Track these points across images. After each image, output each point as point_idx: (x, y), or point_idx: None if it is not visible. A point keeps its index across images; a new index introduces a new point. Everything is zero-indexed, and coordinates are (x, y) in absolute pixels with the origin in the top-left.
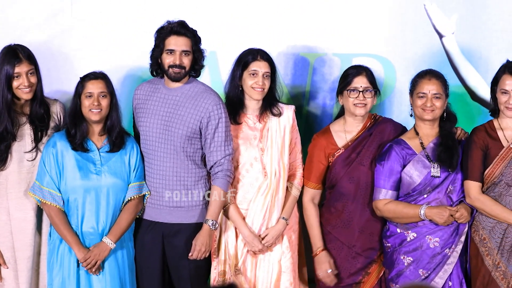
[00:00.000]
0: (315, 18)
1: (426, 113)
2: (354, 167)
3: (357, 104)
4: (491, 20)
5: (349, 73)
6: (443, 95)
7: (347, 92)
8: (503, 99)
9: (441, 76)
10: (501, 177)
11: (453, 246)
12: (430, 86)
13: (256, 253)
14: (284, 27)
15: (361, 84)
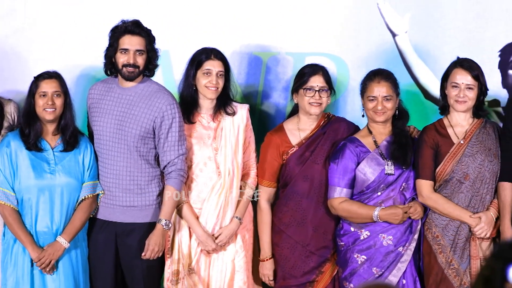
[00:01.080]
0: (268, 17)
1: (377, 115)
2: (308, 165)
3: (312, 103)
4: (444, 19)
5: (305, 71)
6: (394, 95)
7: (303, 90)
8: (453, 93)
9: (390, 76)
10: (452, 174)
11: (406, 244)
12: (380, 88)
13: (210, 252)
14: (238, 26)
15: (318, 83)
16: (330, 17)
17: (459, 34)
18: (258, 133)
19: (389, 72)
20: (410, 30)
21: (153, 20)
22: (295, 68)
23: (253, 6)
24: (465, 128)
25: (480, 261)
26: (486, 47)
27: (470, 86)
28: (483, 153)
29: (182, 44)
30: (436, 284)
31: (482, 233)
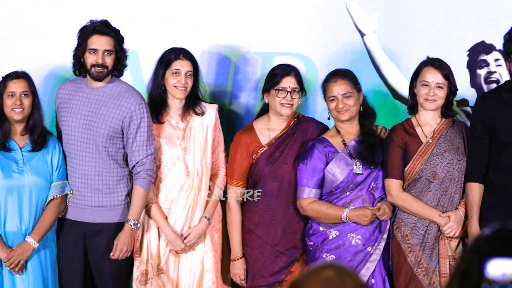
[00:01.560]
0: (237, 17)
1: (341, 114)
2: (277, 165)
3: (284, 104)
4: (412, 18)
5: (277, 72)
6: (354, 91)
7: (275, 91)
8: (423, 92)
9: (347, 74)
10: (421, 173)
11: (375, 244)
12: (337, 87)
13: (179, 252)
14: (206, 26)
15: (290, 84)
16: (299, 16)
17: (428, 34)
18: (227, 133)
19: (346, 70)
20: (378, 30)
21: (121, 20)
22: (263, 68)
23: (222, 6)
24: (433, 128)
25: (449, 260)
26: (454, 47)
27: (440, 85)
28: (451, 152)
29: (150, 44)
30: (406, 283)
31: (451, 232)
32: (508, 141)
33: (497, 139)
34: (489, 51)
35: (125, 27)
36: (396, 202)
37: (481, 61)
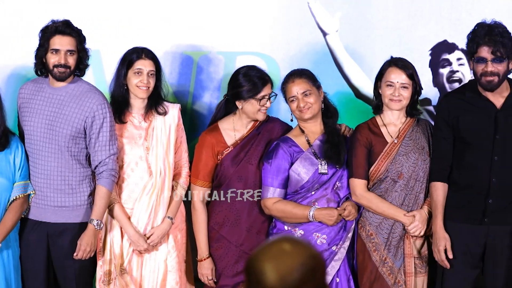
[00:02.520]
0: (199, 16)
1: (303, 113)
2: (242, 166)
3: (263, 110)
4: (375, 18)
5: (256, 81)
6: (313, 88)
7: (256, 101)
8: (388, 92)
9: (304, 72)
10: (386, 173)
11: (340, 243)
12: (296, 87)
13: (142, 252)
14: (169, 25)
15: (268, 91)
16: (261, 16)
17: (390, 33)
18: (190, 133)
19: (303, 69)
20: (341, 29)
21: (83, 20)
22: (226, 67)
23: (184, 6)
24: (398, 127)
25: (414, 259)
26: (417, 46)
27: (405, 85)
28: (416, 151)
29: (113, 44)
30: (370, 282)
31: (416, 231)
32: (472, 141)
33: (461, 139)
34: (452, 50)
35: (87, 26)
36: (361, 201)
37: (443, 60)
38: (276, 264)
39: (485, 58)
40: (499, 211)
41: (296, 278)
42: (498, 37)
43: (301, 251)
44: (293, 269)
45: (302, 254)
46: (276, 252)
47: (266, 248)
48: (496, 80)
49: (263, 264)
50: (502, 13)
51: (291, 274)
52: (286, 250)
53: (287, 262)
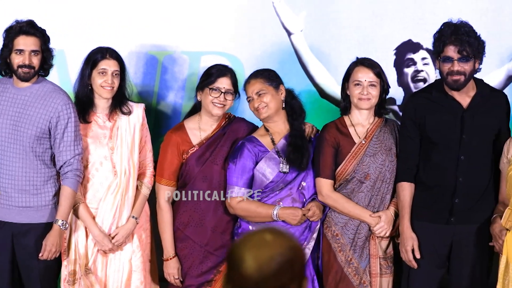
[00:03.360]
0: (163, 16)
1: (259, 113)
2: (207, 165)
3: (216, 103)
4: (339, 17)
5: (213, 71)
6: (269, 88)
7: (208, 90)
8: (356, 91)
9: (260, 73)
10: (353, 174)
11: (305, 243)
12: (251, 87)
13: (107, 252)
14: (134, 25)
15: (224, 85)
16: (225, 15)
17: (355, 33)
18: (154, 133)
19: (262, 69)
20: (305, 29)
21: (47, 20)
22: (190, 67)
23: (149, 5)
24: (366, 128)
25: (380, 260)
26: (381, 46)
27: (372, 83)
28: (384, 153)
29: (77, 44)
30: (336, 282)
31: (381, 232)
32: (438, 141)
33: (427, 139)
34: (416, 50)
35: (51, 26)
36: (326, 201)
37: (408, 60)
38: (256, 253)
39: (452, 58)
40: (465, 211)
41: (273, 268)
42: (464, 36)
43: (282, 242)
44: (271, 259)
45: (281, 245)
46: (257, 242)
47: (248, 237)
48: (463, 79)
49: (243, 252)
50: (466, 12)
51: (269, 264)
52: (267, 240)
53: (267, 252)
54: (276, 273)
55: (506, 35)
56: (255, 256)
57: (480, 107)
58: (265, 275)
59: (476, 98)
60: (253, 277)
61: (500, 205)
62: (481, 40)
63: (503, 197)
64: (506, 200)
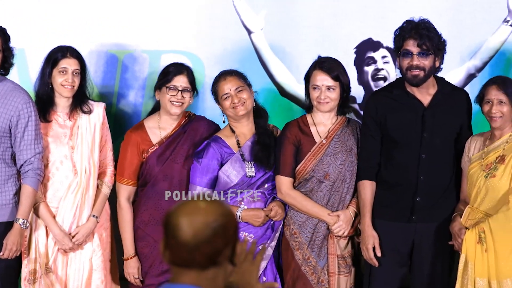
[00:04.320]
0: (124, 15)
1: (237, 109)
2: (167, 164)
3: (174, 102)
4: (300, 16)
5: (170, 70)
6: (245, 85)
7: (166, 89)
8: (315, 95)
9: (234, 71)
10: (312, 173)
11: (267, 242)
12: (228, 84)
13: (67, 251)
14: (94, 24)
15: (181, 83)
16: (186, 14)
17: (315, 31)
18: (115, 132)
19: (232, 69)
20: (265, 28)
21: (7, 18)
22: (151, 66)
23: (109, 4)
24: (327, 127)
25: (338, 259)
26: (342, 44)
27: (330, 87)
28: (344, 153)
29: (37, 43)
30: (293, 280)
31: (340, 231)
32: (400, 139)
33: (389, 137)
34: (376, 48)
35: (11, 25)
36: (285, 199)
37: (368, 58)
38: (191, 219)
39: (411, 52)
40: (427, 209)
41: (208, 233)
42: (424, 31)
43: (215, 208)
44: (206, 225)
45: (215, 211)
46: (192, 209)
47: (183, 205)
48: (422, 74)
49: (179, 219)
50: (426, 11)
51: (204, 229)
52: (201, 207)
53: (201, 218)
54: (210, 238)
55: (466, 33)
56: (190, 222)
57: (441, 105)
58: (200, 241)
59: (437, 96)
60: (189, 243)
61: (460, 203)
62: (441, 37)
63: (464, 196)
64: (467, 199)
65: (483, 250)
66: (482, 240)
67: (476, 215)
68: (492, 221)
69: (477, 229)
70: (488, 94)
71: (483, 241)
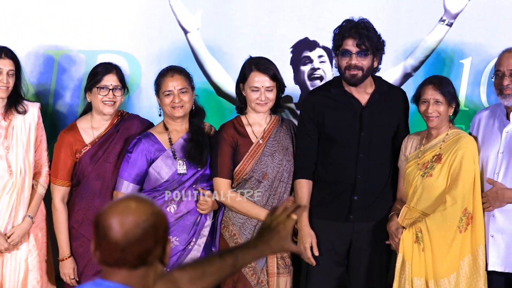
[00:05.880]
0: (60, 15)
1: (175, 110)
2: (100, 164)
3: (106, 101)
4: (236, 15)
5: (98, 70)
6: (189, 88)
7: (96, 89)
8: (254, 96)
9: (183, 71)
10: (251, 173)
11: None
12: (174, 82)
13: (2, 252)
14: (30, 24)
15: (111, 82)
16: (122, 14)
17: (251, 31)
18: (51, 132)
19: (182, 67)
20: (202, 27)
21: None
22: (87, 66)
23: (45, 5)
24: (263, 127)
25: (277, 259)
26: (278, 44)
27: (269, 88)
28: (281, 152)
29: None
30: (233, 282)
31: None
32: (337, 138)
33: (326, 136)
34: (313, 48)
35: None
36: (225, 201)
37: (304, 58)
38: (121, 219)
39: (350, 51)
40: (364, 208)
41: (138, 233)
42: (363, 31)
43: (145, 208)
44: (136, 225)
45: (145, 211)
46: (122, 209)
47: (114, 205)
48: (360, 74)
49: (109, 219)
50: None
51: (134, 229)
52: (131, 207)
53: (131, 218)
54: (141, 238)
55: (403, 33)
56: (121, 222)
57: (379, 104)
58: (130, 241)
59: (374, 95)
60: (119, 243)
61: (397, 202)
62: (380, 38)
63: (400, 195)
64: (403, 198)
65: (420, 250)
66: (419, 240)
67: (413, 215)
68: (429, 220)
69: (414, 229)
70: (424, 94)
71: (420, 240)
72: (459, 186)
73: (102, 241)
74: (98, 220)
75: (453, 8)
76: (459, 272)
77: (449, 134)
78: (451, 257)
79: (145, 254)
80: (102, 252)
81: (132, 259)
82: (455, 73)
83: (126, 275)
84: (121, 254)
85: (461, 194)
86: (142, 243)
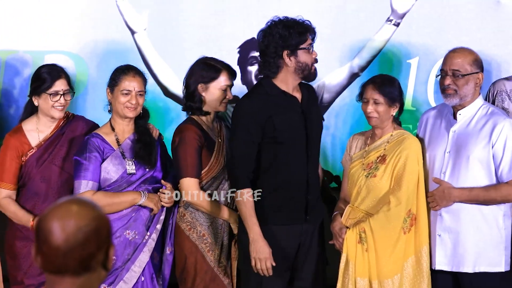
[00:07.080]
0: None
1: (129, 110)
2: (46, 166)
3: (57, 107)
4: (182, 16)
5: (46, 76)
6: (143, 92)
7: (48, 96)
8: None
9: (142, 74)
10: (222, 172)
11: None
12: (135, 83)
13: None
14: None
15: (62, 87)
16: (68, 14)
17: (198, 31)
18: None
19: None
20: (149, 28)
21: None
22: (34, 66)
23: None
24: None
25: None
26: (225, 44)
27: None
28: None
29: None
30: (205, 283)
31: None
32: (286, 139)
33: (272, 139)
34: None
35: None
36: (193, 201)
37: (251, 58)
38: (63, 224)
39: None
40: (314, 207)
41: (80, 238)
42: None
43: (87, 212)
44: (78, 229)
45: (87, 215)
46: (64, 213)
47: (55, 208)
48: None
49: (50, 224)
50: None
51: (76, 234)
52: (73, 211)
53: (73, 222)
54: (83, 242)
55: (349, 32)
56: (62, 227)
57: (309, 99)
58: (72, 245)
59: (303, 91)
60: (61, 248)
61: (340, 202)
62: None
63: (344, 194)
64: (347, 197)
65: (363, 250)
66: (363, 240)
67: (357, 215)
68: (372, 221)
69: (357, 229)
70: (365, 93)
71: (363, 240)
72: (403, 187)
73: (43, 246)
74: (38, 224)
75: (400, 8)
76: (402, 273)
77: (393, 135)
78: (395, 258)
79: (88, 259)
80: (43, 257)
81: (74, 264)
82: (402, 73)
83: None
84: (63, 259)
85: (405, 195)
86: (84, 248)
